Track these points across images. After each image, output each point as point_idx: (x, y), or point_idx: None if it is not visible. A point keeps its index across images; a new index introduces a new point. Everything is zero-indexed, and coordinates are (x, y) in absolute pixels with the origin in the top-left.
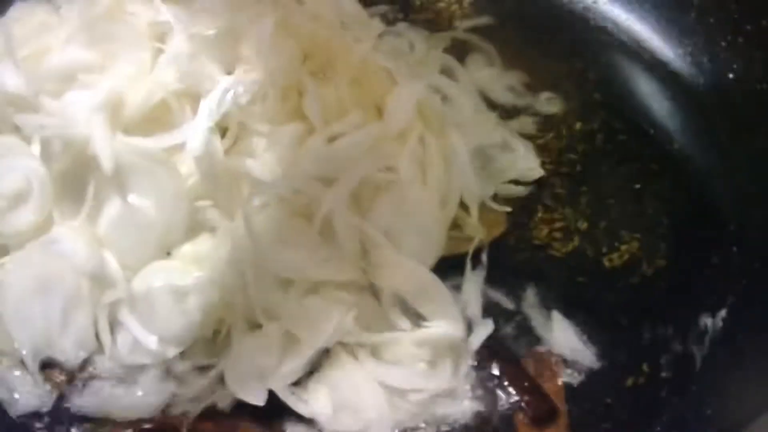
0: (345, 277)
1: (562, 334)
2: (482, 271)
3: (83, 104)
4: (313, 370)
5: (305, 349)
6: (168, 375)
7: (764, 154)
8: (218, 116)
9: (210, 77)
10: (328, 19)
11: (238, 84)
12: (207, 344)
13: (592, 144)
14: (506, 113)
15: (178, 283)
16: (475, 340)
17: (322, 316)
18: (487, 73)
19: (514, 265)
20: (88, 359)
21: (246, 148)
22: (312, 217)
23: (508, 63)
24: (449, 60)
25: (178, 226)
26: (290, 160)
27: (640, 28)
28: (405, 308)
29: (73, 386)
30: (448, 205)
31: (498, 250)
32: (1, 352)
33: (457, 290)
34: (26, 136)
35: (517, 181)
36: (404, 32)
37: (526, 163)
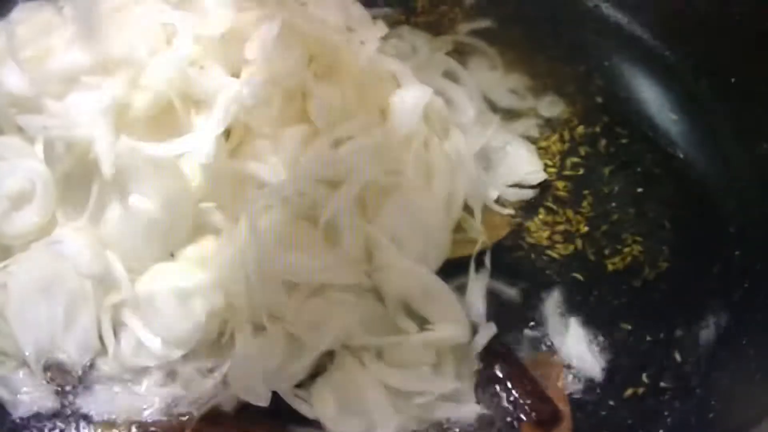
0: (349, 280)
1: (574, 342)
2: (486, 273)
3: (86, 106)
4: (317, 372)
5: (309, 351)
6: (172, 377)
7: (765, 157)
8: (226, 125)
9: (215, 80)
10: (332, 21)
11: (243, 87)
12: (211, 346)
13: (594, 147)
14: (509, 116)
15: (181, 285)
16: (479, 342)
17: (327, 319)
18: (490, 76)
19: (517, 268)
20: (91, 361)
21: (251, 150)
22: (316, 219)
23: (510, 66)
24: (452, 63)
25: (182, 228)
26: (295, 163)
27: (642, 31)
28: (409, 311)
29: (77, 388)
30: (452, 208)
31: (501, 252)
32: (5, 353)
33: (460, 292)
34: (29, 137)
35: (519, 184)
36: (407, 36)
37: (528, 167)
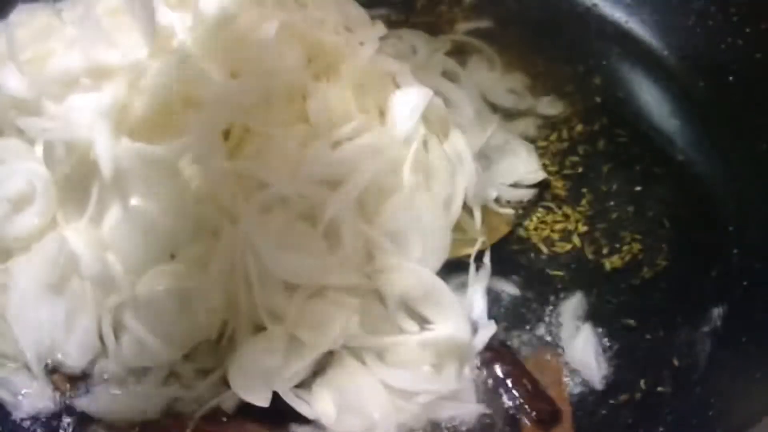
0: (350, 281)
1: (581, 347)
2: (486, 272)
3: (86, 108)
4: (317, 372)
5: (310, 351)
6: (172, 377)
7: (764, 156)
8: (223, 125)
9: (214, 81)
10: (331, 22)
11: (242, 87)
12: (211, 347)
13: (593, 146)
14: (508, 116)
15: (182, 286)
16: (479, 341)
17: (327, 320)
18: (489, 76)
19: (517, 267)
20: (92, 362)
21: (250, 151)
22: (316, 220)
23: (509, 66)
24: (451, 63)
25: (181, 229)
26: (294, 164)
27: (640, 31)
28: (410, 312)
29: (77, 389)
30: (452, 208)
31: (501, 251)
32: (6, 355)
33: (460, 292)
34: (29, 140)
35: (519, 184)
36: (406, 36)
37: (528, 166)
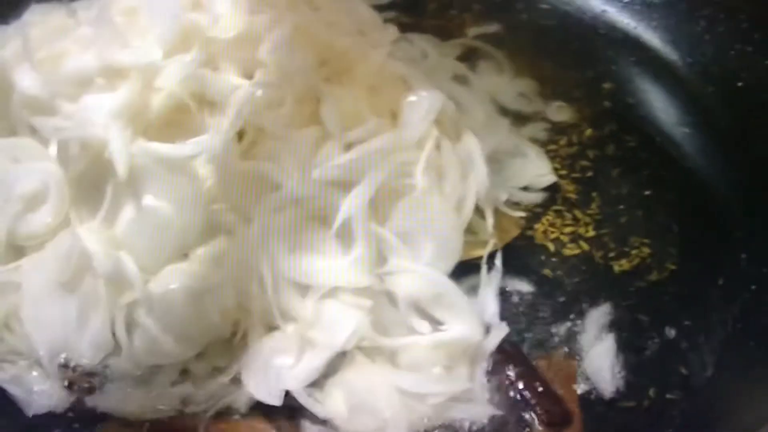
0: (362, 283)
1: (601, 357)
2: (497, 274)
3: (101, 108)
4: (329, 372)
5: (322, 351)
6: (184, 376)
7: None
8: (237, 126)
9: (228, 81)
10: (344, 25)
11: (256, 88)
12: (224, 345)
13: (602, 151)
14: (518, 120)
15: (195, 285)
16: (491, 342)
17: (340, 321)
18: (498, 81)
19: (528, 269)
20: (104, 360)
21: (263, 151)
22: (329, 221)
23: (519, 70)
24: (461, 68)
25: (195, 228)
26: (307, 165)
27: (649, 36)
28: (422, 313)
29: (90, 387)
30: (464, 210)
31: (511, 253)
32: (19, 352)
33: (472, 293)
34: (43, 139)
35: (529, 187)
36: (416, 40)
37: (538, 169)
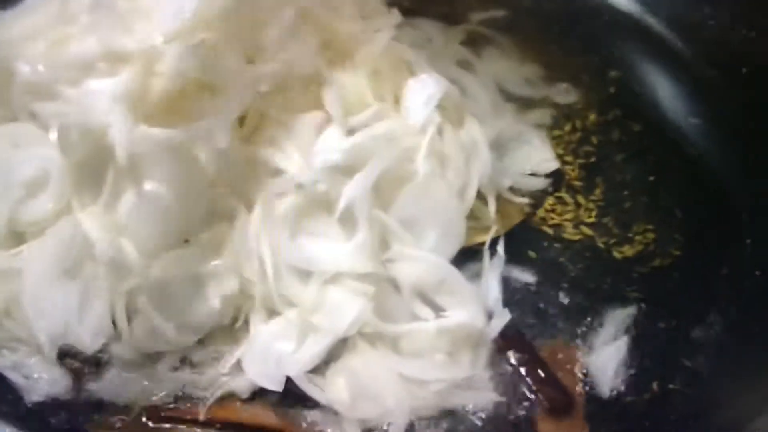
0: (365, 269)
1: (609, 357)
2: (500, 260)
3: (102, 93)
4: (331, 358)
5: (324, 337)
6: (185, 362)
7: None
8: (239, 111)
9: (230, 66)
10: (347, 9)
11: (258, 73)
12: (225, 331)
13: (607, 136)
14: (522, 105)
15: (196, 271)
16: (493, 328)
17: (342, 307)
18: (504, 66)
19: (531, 255)
20: (105, 346)
21: (265, 136)
22: (332, 206)
23: (524, 56)
24: (466, 53)
25: (196, 214)
26: (309, 150)
27: (654, 22)
28: (425, 299)
29: (91, 373)
30: (466, 196)
31: (514, 240)
32: (19, 339)
33: (475, 279)
34: (44, 125)
35: (533, 173)
36: (421, 25)
37: (542, 155)
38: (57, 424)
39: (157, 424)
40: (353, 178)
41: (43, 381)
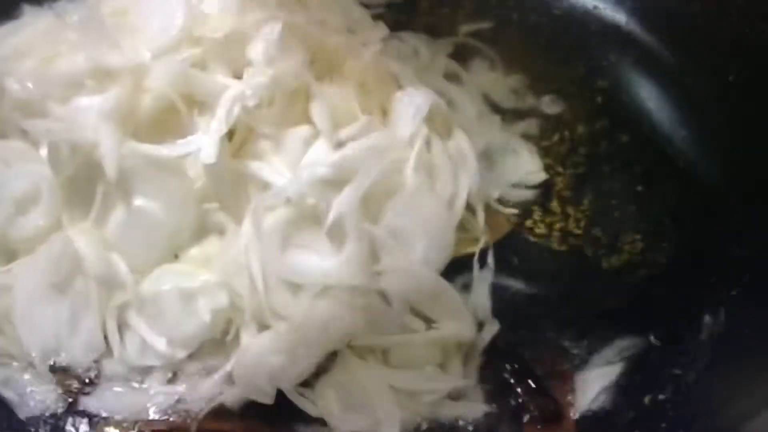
0: (355, 281)
1: (595, 380)
2: (489, 271)
3: (91, 109)
4: (321, 370)
5: (314, 351)
6: (177, 376)
7: (764, 154)
8: (229, 126)
9: (218, 81)
10: (334, 23)
11: (246, 88)
12: (216, 345)
13: (595, 146)
14: (510, 116)
15: (186, 286)
16: (483, 339)
17: (332, 320)
18: (490, 77)
19: (519, 266)
20: (96, 361)
21: (254, 151)
22: (320, 220)
23: (511, 67)
24: (453, 65)
25: (186, 228)
26: (298, 164)
27: (641, 32)
28: (414, 311)
29: (82, 388)
30: (455, 207)
31: (503, 250)
32: (11, 354)
33: (464, 290)
34: (34, 141)
35: (521, 184)
36: (408, 38)
37: (529, 166)
38: None
39: None
40: (342, 191)
41: (35, 397)
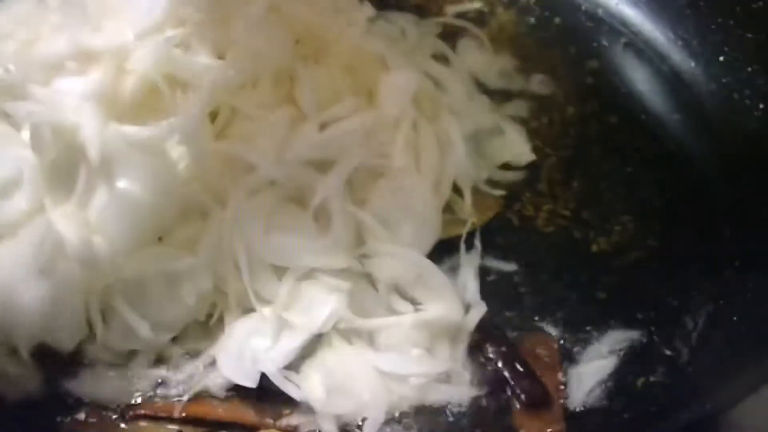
0: (340, 264)
1: (586, 350)
2: (477, 253)
3: (72, 91)
4: (306, 354)
5: (299, 334)
6: (160, 360)
7: (755, 136)
8: (210, 107)
9: (200, 61)
10: (319, 3)
11: (228, 68)
12: (200, 328)
13: (584, 128)
14: (498, 98)
15: (170, 269)
16: (470, 321)
17: (317, 303)
18: (479, 58)
19: (508, 248)
20: (79, 345)
21: (237, 132)
22: (306, 202)
23: (500, 48)
24: (441, 46)
25: (169, 211)
26: (282, 145)
27: (631, 13)
28: (401, 294)
29: (65, 372)
30: (442, 189)
31: (491, 232)
32: None
33: (452, 273)
34: (16, 124)
35: (509, 165)
36: (395, 18)
37: (518, 148)
38: (33, 424)
39: (133, 422)
40: (327, 174)
41: (18, 381)
